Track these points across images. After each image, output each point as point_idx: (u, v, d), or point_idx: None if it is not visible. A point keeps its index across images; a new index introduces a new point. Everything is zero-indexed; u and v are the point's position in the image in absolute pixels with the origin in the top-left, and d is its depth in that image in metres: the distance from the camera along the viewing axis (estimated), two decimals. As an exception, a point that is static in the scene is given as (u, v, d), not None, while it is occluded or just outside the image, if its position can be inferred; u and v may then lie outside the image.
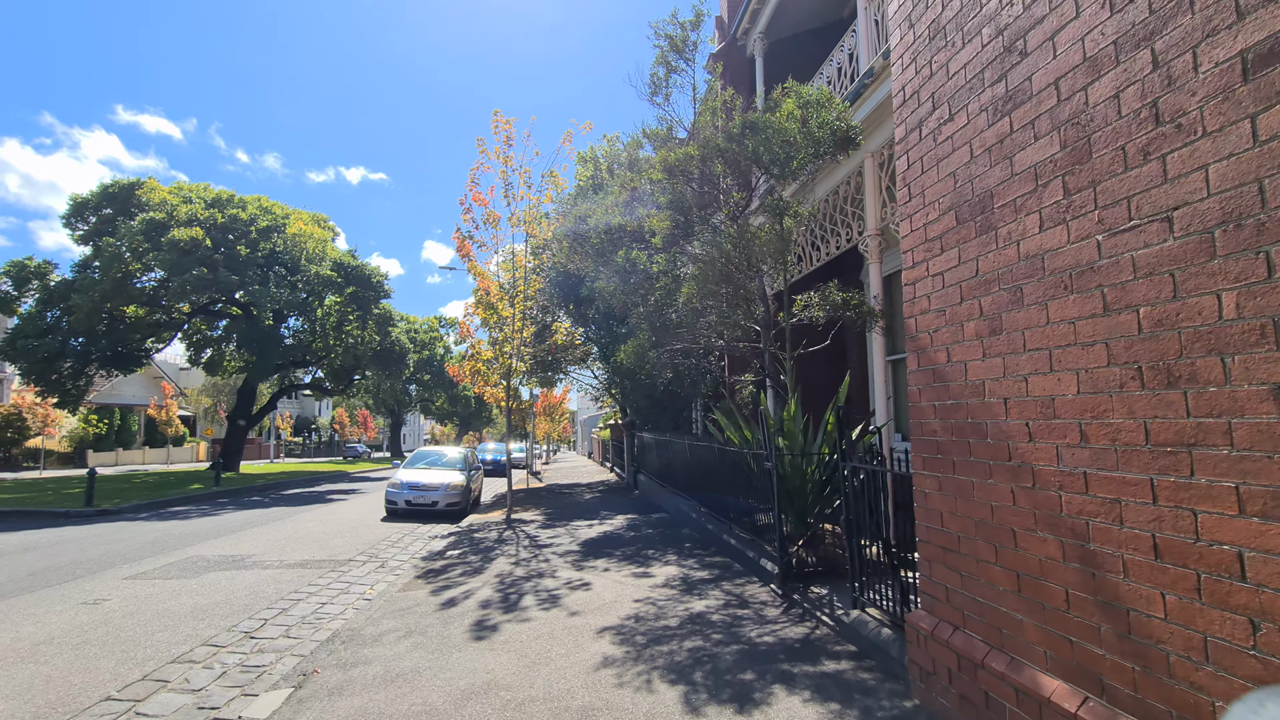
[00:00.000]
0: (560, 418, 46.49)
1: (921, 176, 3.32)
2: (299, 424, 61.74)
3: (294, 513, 14.12)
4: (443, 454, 16.01)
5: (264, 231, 21.80)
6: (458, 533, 10.85)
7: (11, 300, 21.51)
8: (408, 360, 31.74)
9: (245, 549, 9.54)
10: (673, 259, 6.94)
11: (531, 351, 14.04)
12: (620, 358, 8.51)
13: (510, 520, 12.18)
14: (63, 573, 7.80)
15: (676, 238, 6.74)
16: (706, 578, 6.49)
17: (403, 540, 10.67)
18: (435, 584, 6.99)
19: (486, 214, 13.33)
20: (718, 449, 7.43)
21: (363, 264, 24.07)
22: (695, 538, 8.76)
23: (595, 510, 13.13)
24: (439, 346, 51.99)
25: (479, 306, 13.42)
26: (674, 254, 6.77)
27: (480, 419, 77.99)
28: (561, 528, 10.76)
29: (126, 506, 14.19)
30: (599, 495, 16.42)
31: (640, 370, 11.35)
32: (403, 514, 13.45)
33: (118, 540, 10.19)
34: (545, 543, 9.32)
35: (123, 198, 22.47)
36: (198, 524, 12.18)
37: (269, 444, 51.02)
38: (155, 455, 41.47)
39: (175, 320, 24.44)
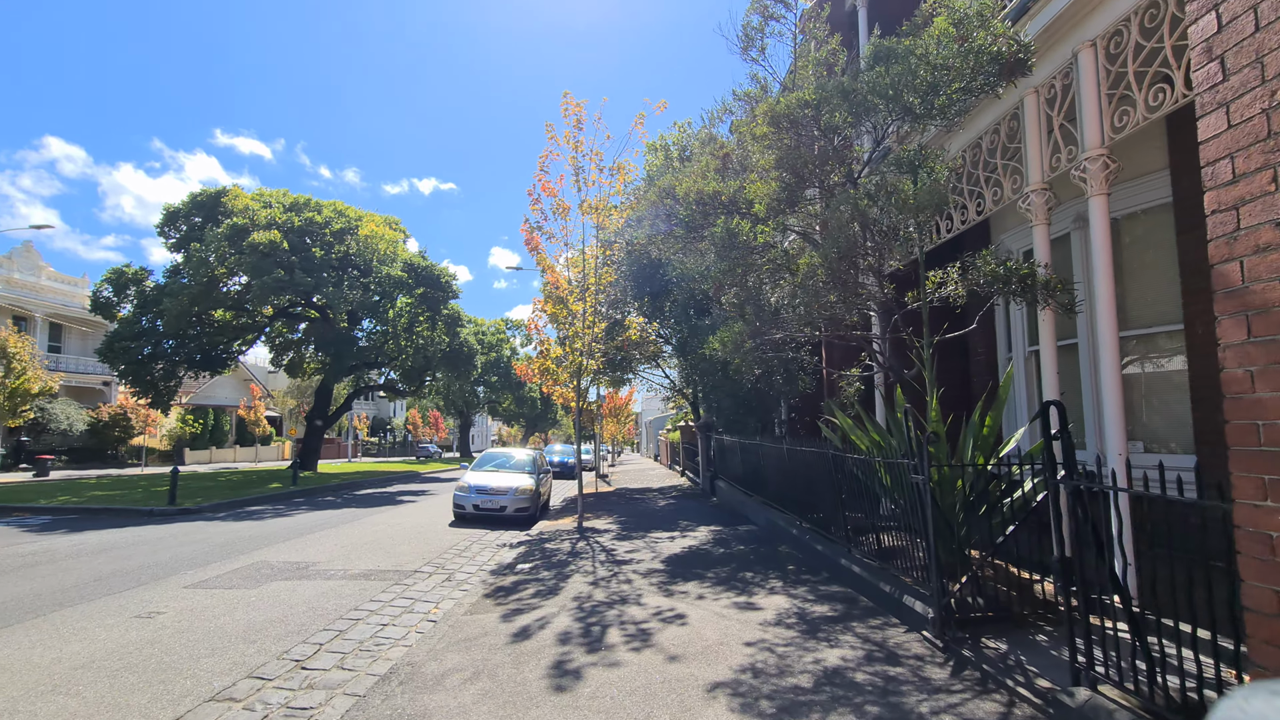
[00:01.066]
0: (626, 419, 45.87)
1: (1257, 37, 2.09)
2: (375, 425, 63.97)
3: (364, 515, 13.82)
4: (510, 456, 15.41)
5: (338, 234, 22.06)
6: (528, 542, 10.08)
7: (112, 306, 22.65)
8: (476, 361, 31.77)
9: (311, 555, 9.08)
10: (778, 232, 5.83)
11: (602, 349, 13.17)
12: (709, 349, 7.44)
13: (582, 529, 11.32)
14: (128, 578, 7.47)
15: (782, 206, 5.63)
16: (829, 615, 5.31)
17: (470, 549, 10.00)
18: (505, 606, 6.14)
19: (556, 204, 12.57)
20: (833, 456, 6.23)
21: (432, 264, 24.09)
22: (799, 559, 7.56)
23: (673, 519, 12.09)
24: (506, 348, 52.46)
25: (548, 301, 12.68)
26: (780, 224, 5.67)
27: (546, 420, 78.73)
28: (639, 539, 9.78)
29: (206, 506, 14.30)
30: (674, 502, 15.37)
31: (727, 366, 10.21)
32: (470, 519, 12.87)
33: (189, 542, 9.99)
34: (624, 558, 8.36)
35: (210, 205, 23.30)
36: (270, 526, 11.98)
37: (347, 444, 52.95)
38: (245, 454, 43.61)
39: (258, 323, 25.21)
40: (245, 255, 19.10)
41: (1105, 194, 4.62)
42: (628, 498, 16.97)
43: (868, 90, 4.79)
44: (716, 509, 13.37)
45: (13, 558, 8.63)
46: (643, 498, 16.91)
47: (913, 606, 4.74)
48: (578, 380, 13.02)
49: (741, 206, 6.09)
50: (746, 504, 11.44)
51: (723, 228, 5.49)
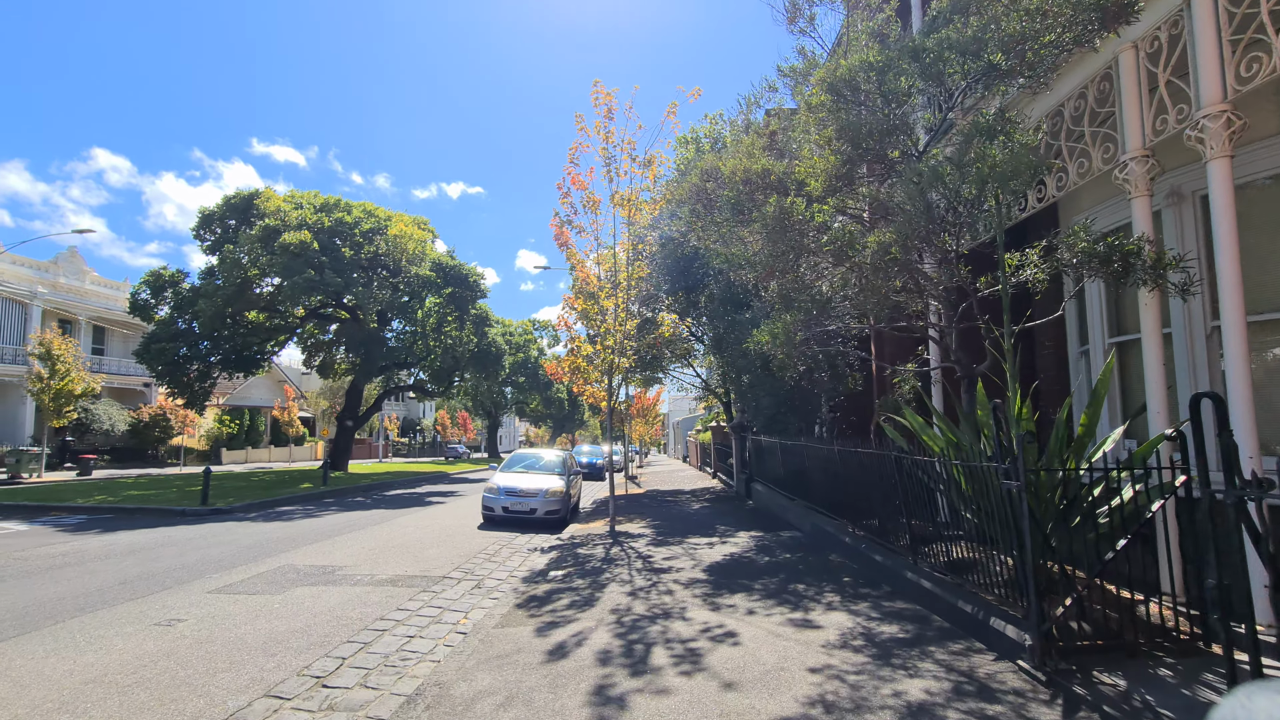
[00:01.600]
0: (654, 420, 45.41)
1: None
2: (405, 425, 64.64)
3: (392, 516, 13.60)
4: (539, 457, 15.06)
5: (367, 234, 22.06)
6: (559, 546, 9.67)
7: (149, 308, 23.01)
8: (504, 362, 31.66)
9: (338, 558, 8.80)
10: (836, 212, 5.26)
11: (634, 346, 12.72)
12: (752, 344, 6.92)
13: (615, 533, 10.87)
14: (153, 582, 7.25)
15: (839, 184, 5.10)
16: (901, 637, 4.75)
17: (500, 553, 9.63)
18: (539, 618, 5.72)
19: (586, 197, 12.17)
20: (895, 458, 5.66)
21: (460, 264, 23.98)
22: (855, 570, 6.98)
23: (709, 524, 11.57)
24: (533, 349, 52.45)
25: (578, 297, 12.28)
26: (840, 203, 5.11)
27: (573, 421, 78.69)
28: (676, 545, 9.29)
29: (238, 506, 14.26)
30: (708, 505, 14.84)
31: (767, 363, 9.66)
32: (499, 521, 12.53)
33: (217, 544, 9.83)
34: (662, 565, 7.88)
35: (243, 208, 23.53)
36: (298, 527, 11.81)
37: (378, 444, 53.53)
38: (279, 454, 44.32)
39: (290, 324, 25.40)
40: (276, 256, 19.16)
41: (1228, 156, 3.99)
42: (660, 500, 16.48)
43: (943, 48, 4.23)
44: (754, 513, 12.81)
45: (43, 558, 8.53)
46: (675, 500, 16.40)
47: (1002, 630, 4.16)
48: (609, 379, 12.60)
49: (791, 188, 5.57)
50: (788, 509, 10.86)
51: (775, 207, 4.98)
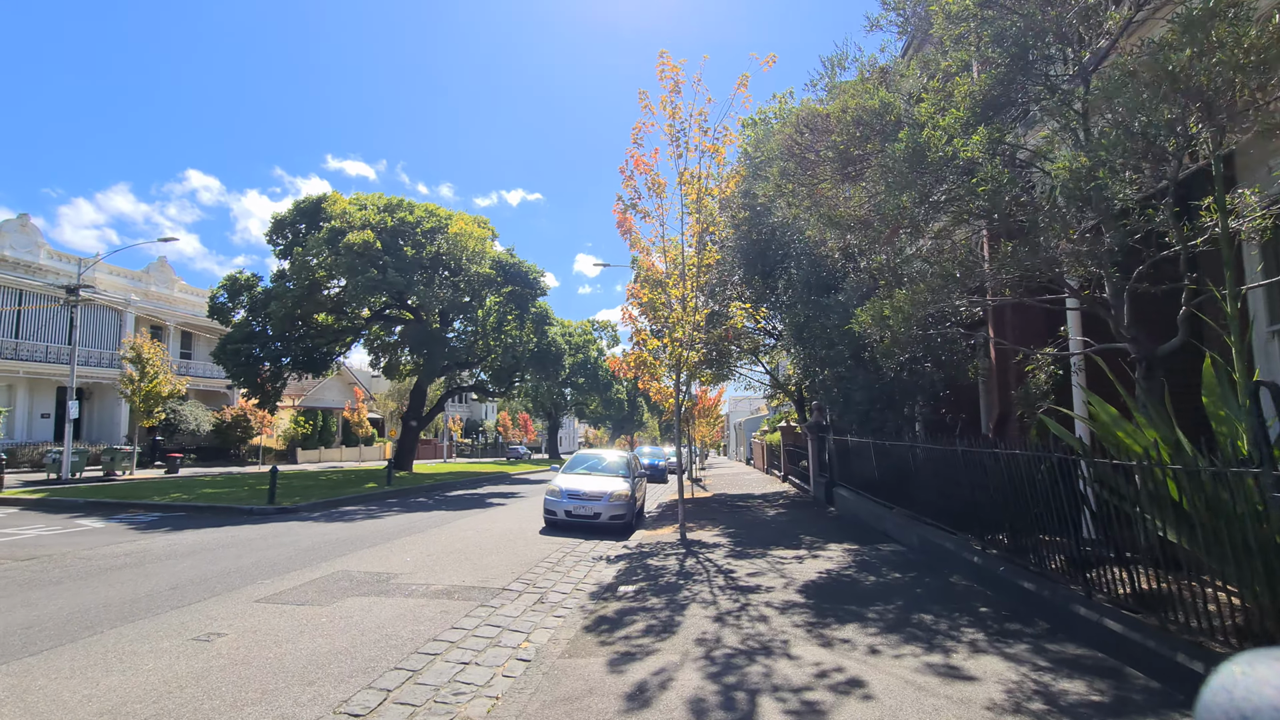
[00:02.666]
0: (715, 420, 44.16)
1: None
2: (468, 426, 65.86)
3: (452, 519, 13.13)
4: (601, 458, 14.29)
5: (428, 233, 22.01)
6: (628, 555, 8.81)
7: (226, 311, 23.76)
8: (564, 362, 31.27)
9: (394, 564, 8.25)
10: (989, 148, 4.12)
11: (705, 338, 11.74)
12: (856, 324, 5.85)
13: (687, 541, 9.93)
14: (203, 588, 6.84)
15: (992, 111, 3.98)
16: (1095, 699, 3.59)
17: (563, 561, 8.86)
18: (611, 646, 4.85)
19: (651, 179, 11.30)
20: (1059, 461, 4.46)
21: (520, 261, 23.66)
22: (991, 598, 5.76)
23: (791, 533, 10.45)
24: (592, 349, 52.20)
25: (643, 286, 11.42)
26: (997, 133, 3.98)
27: (632, 423, 78.16)
28: (759, 559, 8.26)
29: (304, 505, 14.17)
30: (785, 512, 13.67)
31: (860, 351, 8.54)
32: (562, 526, 11.81)
33: (277, 545, 9.50)
34: (747, 583, 6.87)
35: (311, 212, 23.99)
36: (359, 529, 11.46)
37: (443, 444, 54.58)
38: (350, 454, 45.71)
39: (356, 326, 25.76)
40: (341, 256, 19.28)
41: None
42: (730, 505, 15.42)
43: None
44: (841, 522, 11.57)
45: (106, 559, 8.37)
46: (746, 505, 15.30)
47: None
48: (677, 374, 11.69)
49: (917, 123, 4.48)
50: (883, 518, 9.61)
51: (906, 142, 3.92)
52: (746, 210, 10.84)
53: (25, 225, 29.47)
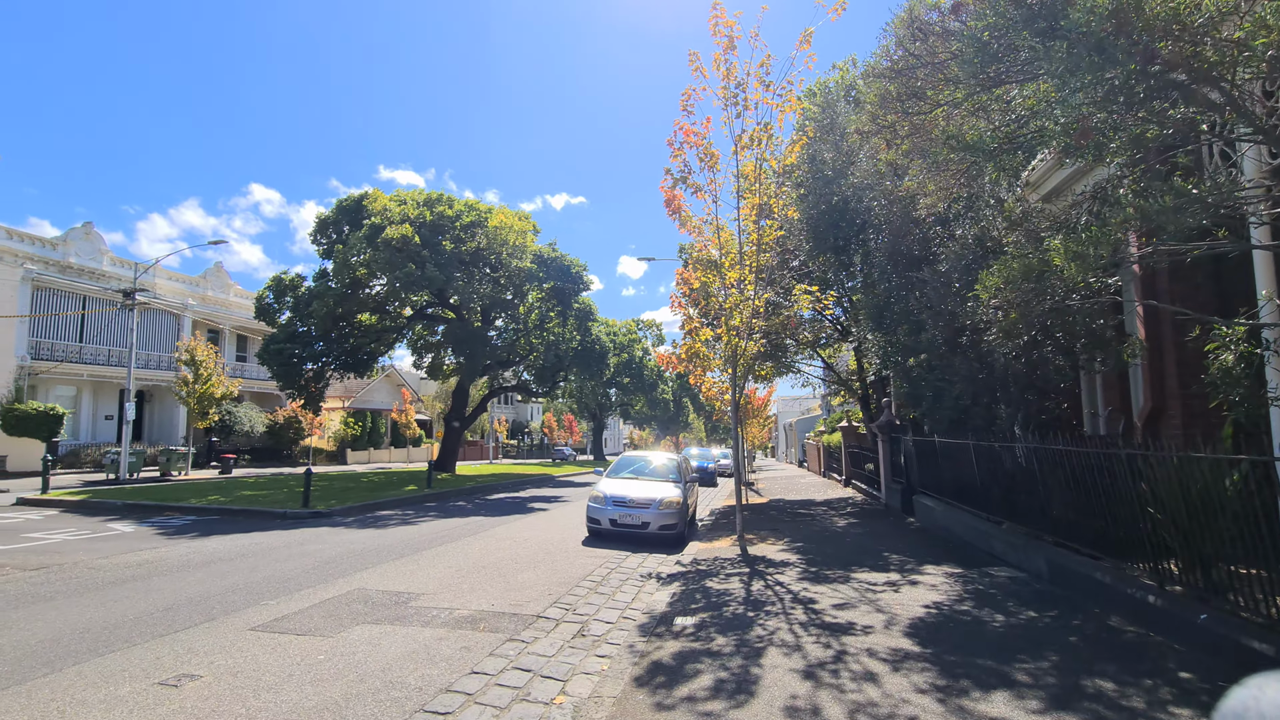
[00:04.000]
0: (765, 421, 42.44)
1: None
2: (514, 428, 65.92)
3: (489, 525, 12.20)
4: (649, 460, 13.12)
5: (468, 227, 21.36)
6: (682, 574, 7.61)
7: (272, 311, 23.70)
8: (608, 361, 30.30)
9: (418, 582, 7.28)
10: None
11: (764, 327, 10.42)
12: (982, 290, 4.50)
13: (749, 558, 8.65)
14: (198, 610, 6.00)
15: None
16: None
17: (608, 580, 7.73)
18: (670, 712, 3.67)
19: (703, 150, 10.09)
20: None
21: (561, 255, 22.77)
22: (1193, 659, 4.28)
23: (872, 550, 9.04)
24: (637, 349, 51.20)
25: (694, 269, 10.21)
26: None
27: (678, 423, 76.88)
28: (842, 584, 6.91)
29: (338, 509, 13.52)
30: (857, 522, 12.19)
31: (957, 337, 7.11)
32: (607, 536, 10.70)
33: (298, 555, 8.71)
34: (835, 619, 5.57)
35: (353, 210, 23.70)
36: (389, 536, 10.63)
37: (488, 445, 54.58)
38: (398, 454, 46.03)
39: (398, 325, 25.40)
40: (380, 251, 18.77)
41: None
42: (791, 513, 14.01)
43: None
44: (926, 536, 10.06)
45: (115, 570, 7.71)
46: (810, 513, 13.86)
47: None
48: (733, 367, 10.43)
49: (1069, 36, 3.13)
50: (988, 534, 8.10)
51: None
52: (813, 178, 9.50)
53: (89, 233, 30.45)
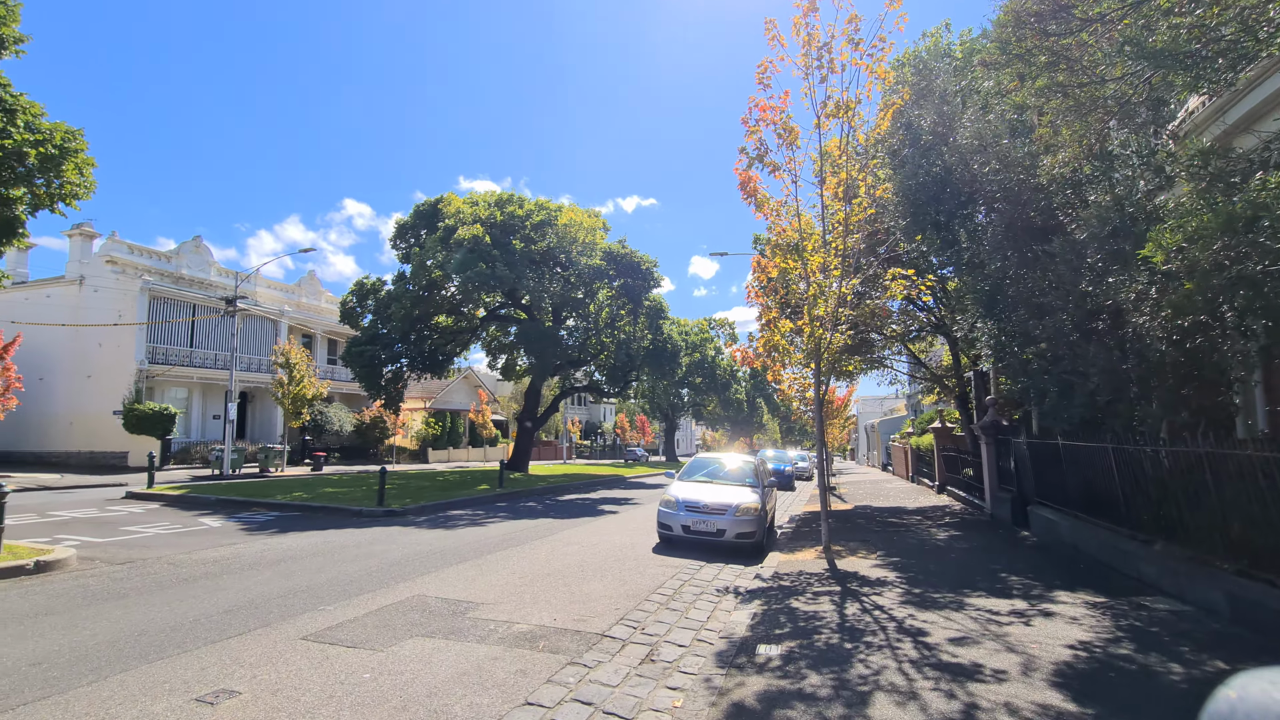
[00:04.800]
0: (846, 422, 40.38)
1: None
2: (587, 428, 66.41)
3: (559, 529, 11.79)
4: (723, 463, 12.32)
5: (538, 226, 21.28)
6: (763, 592, 6.81)
7: (356, 314, 24.60)
8: (680, 360, 29.59)
9: (479, 589, 6.87)
10: None
11: (852, 316, 9.42)
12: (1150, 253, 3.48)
13: (839, 574, 7.71)
14: (256, 614, 5.80)
15: None
16: None
17: (681, 594, 7.03)
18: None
19: (782, 125, 9.24)
20: None
21: (631, 251, 22.29)
22: None
23: (981, 568, 7.87)
24: (710, 348, 50.19)
25: (774, 253, 9.35)
26: None
27: (751, 424, 74.86)
28: (954, 610, 5.90)
29: (412, 508, 13.56)
30: (959, 535, 10.89)
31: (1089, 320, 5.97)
32: (679, 544, 10.01)
33: (364, 556, 8.55)
34: (955, 657, 4.62)
35: (430, 214, 24.21)
36: (458, 537, 10.40)
37: (562, 446, 55.15)
38: (476, 454, 47.23)
39: (472, 326, 25.75)
40: (452, 252, 18.94)
41: None
42: (880, 522, 12.80)
43: None
44: (1048, 554, 8.72)
45: (192, 566, 7.78)
46: (902, 523, 12.60)
47: None
48: (816, 362, 9.49)
49: None
50: (1133, 555, 6.79)
51: None
52: (909, 147, 8.43)
53: (199, 246, 32.92)
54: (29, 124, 8.89)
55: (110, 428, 27.15)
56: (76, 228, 30.68)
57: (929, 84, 8.46)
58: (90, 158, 9.61)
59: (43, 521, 11.10)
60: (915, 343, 16.57)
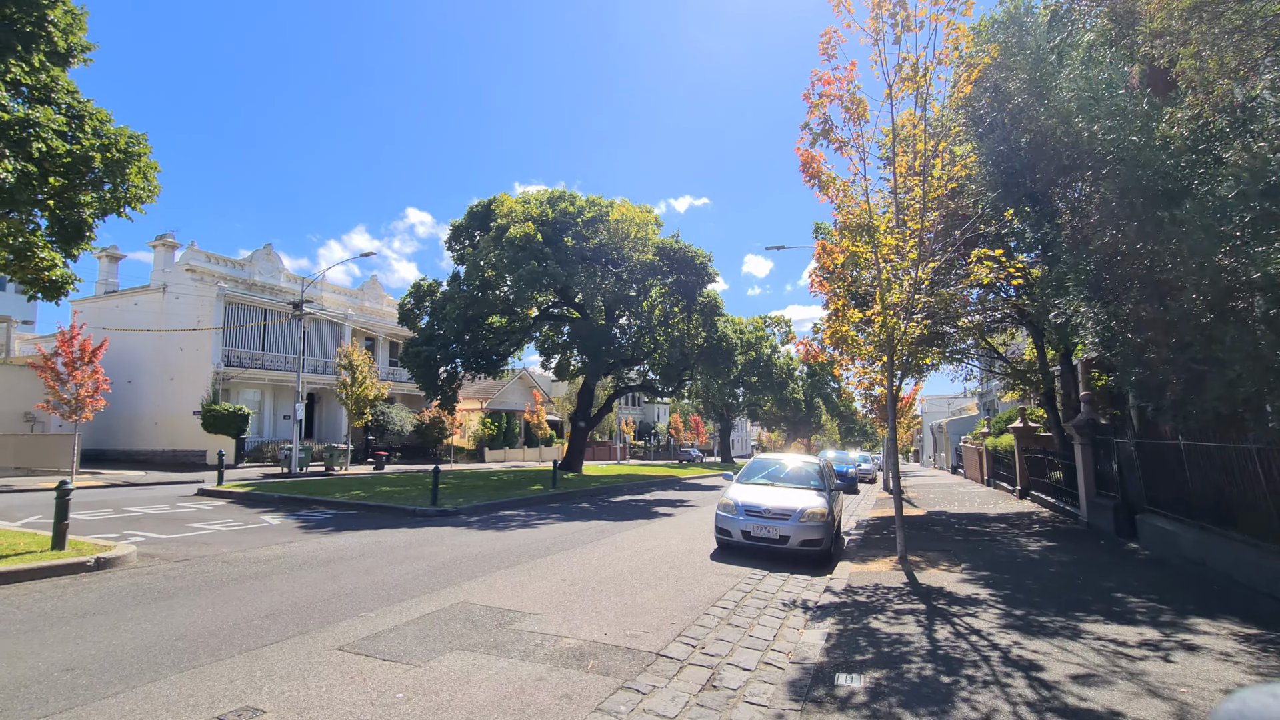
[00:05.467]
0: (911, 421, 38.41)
1: None
2: (641, 429, 66.10)
3: (611, 531, 11.33)
4: (784, 464, 11.57)
5: (590, 223, 20.98)
6: (838, 608, 6.11)
7: (413, 316, 24.98)
8: (735, 358, 28.74)
9: (527, 596, 6.46)
10: None
11: (929, 303, 8.55)
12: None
13: (921, 589, 6.91)
14: (297, 619, 5.57)
15: None
16: None
17: (743, 608, 6.42)
18: None
19: (848, 99, 8.51)
20: None
21: (685, 245, 21.67)
22: None
23: (1091, 587, 6.89)
24: (765, 346, 48.86)
25: (844, 235, 8.59)
26: None
27: (809, 425, 72.62)
28: (1068, 638, 5.05)
29: (464, 508, 13.42)
30: (1052, 546, 9.79)
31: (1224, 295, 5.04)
32: (738, 550, 9.37)
33: (412, 559, 8.32)
34: (1081, 699, 3.84)
35: (483, 215, 24.34)
36: (508, 540, 10.09)
37: (616, 446, 54.97)
38: (531, 454, 47.62)
39: (526, 326, 25.74)
40: (504, 250, 18.85)
41: None
42: (959, 529, 11.75)
43: None
44: (1167, 570, 7.62)
45: (244, 564, 7.72)
46: (984, 531, 11.51)
47: None
48: (889, 353, 8.68)
49: None
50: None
51: None
52: (997, 110, 7.52)
53: (270, 254, 34.41)
54: (96, 130, 9.12)
55: (190, 427, 28.65)
56: (159, 239, 32.64)
57: (1019, 39, 7.52)
58: (154, 162, 9.81)
59: (117, 517, 11.50)
60: (994, 335, 15.29)
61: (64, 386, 18.88)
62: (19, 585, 6.35)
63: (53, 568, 6.75)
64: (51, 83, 8.66)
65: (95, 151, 8.86)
